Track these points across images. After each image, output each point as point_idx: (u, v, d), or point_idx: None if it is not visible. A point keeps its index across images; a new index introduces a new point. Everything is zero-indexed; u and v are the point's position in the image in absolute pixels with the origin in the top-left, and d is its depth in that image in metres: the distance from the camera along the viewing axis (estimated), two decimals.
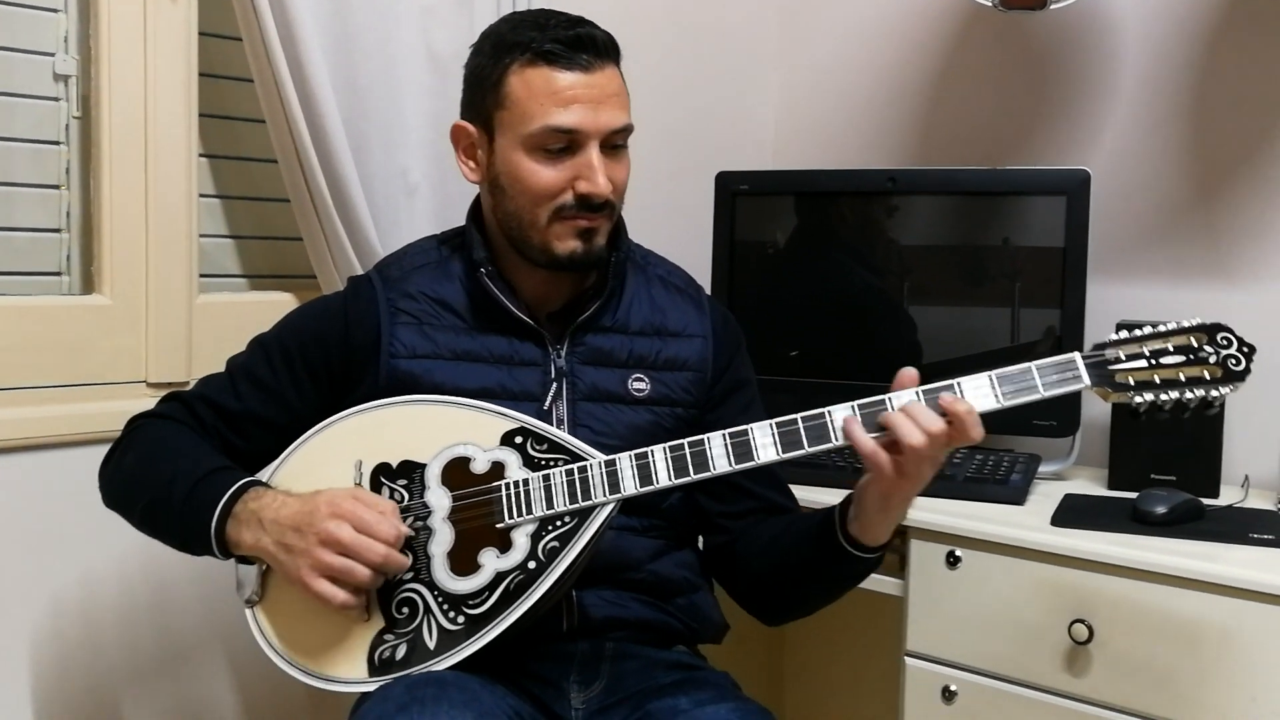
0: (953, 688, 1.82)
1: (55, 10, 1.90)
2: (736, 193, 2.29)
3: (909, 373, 1.46)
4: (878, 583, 1.90)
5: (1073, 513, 1.84)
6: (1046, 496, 1.95)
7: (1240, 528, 1.76)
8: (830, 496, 1.85)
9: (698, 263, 2.04)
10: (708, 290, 1.80)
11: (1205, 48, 2.16)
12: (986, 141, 2.42)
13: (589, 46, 1.54)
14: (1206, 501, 1.86)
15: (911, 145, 2.53)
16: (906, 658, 1.87)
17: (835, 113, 2.65)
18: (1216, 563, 1.63)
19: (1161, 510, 1.78)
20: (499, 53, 1.57)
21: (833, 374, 2.22)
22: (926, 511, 1.84)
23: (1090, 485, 2.06)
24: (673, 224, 2.21)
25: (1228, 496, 1.95)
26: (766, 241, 2.32)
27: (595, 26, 1.57)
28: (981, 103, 2.43)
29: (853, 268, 2.26)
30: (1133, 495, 1.86)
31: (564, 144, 1.54)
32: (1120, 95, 2.26)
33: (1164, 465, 1.98)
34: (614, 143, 1.57)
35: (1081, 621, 1.69)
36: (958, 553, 1.80)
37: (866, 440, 1.42)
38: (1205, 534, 1.74)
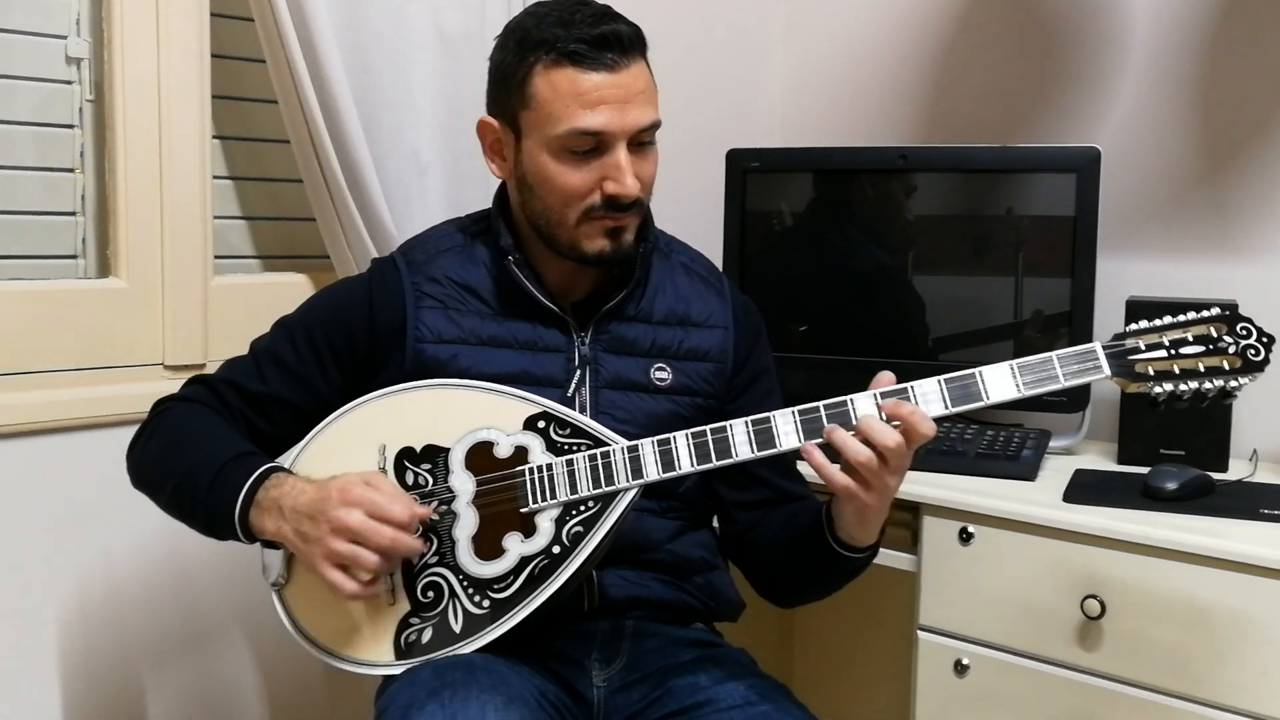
0: (965, 661, 1.84)
1: None
2: (747, 170, 2.30)
3: (886, 375, 1.48)
4: (890, 558, 1.92)
5: (1084, 489, 1.85)
6: (1057, 472, 1.96)
7: (1250, 503, 1.78)
8: None
9: (707, 240, 2.04)
10: (719, 267, 1.80)
11: (1215, 23, 2.17)
12: (996, 118, 2.42)
13: (614, 44, 1.51)
14: (1216, 476, 1.88)
15: (920, 121, 2.53)
16: (919, 632, 1.89)
17: (843, 89, 2.65)
18: (1227, 539, 1.64)
19: (1172, 486, 1.79)
20: (523, 51, 1.54)
21: (843, 350, 2.24)
22: (939, 488, 1.86)
23: (1100, 460, 2.07)
24: (682, 201, 2.21)
25: (1237, 471, 1.97)
26: (777, 219, 2.33)
27: (621, 21, 1.55)
28: (991, 79, 2.43)
29: (864, 244, 2.27)
30: (1143, 470, 1.88)
31: (591, 145, 1.53)
32: (1130, 71, 2.26)
33: (1173, 440, 2.00)
34: (641, 140, 1.56)
35: (1094, 597, 1.71)
36: (970, 529, 1.82)
37: (837, 475, 1.45)
38: (1216, 510, 1.75)
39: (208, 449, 1.55)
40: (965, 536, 1.83)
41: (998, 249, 2.18)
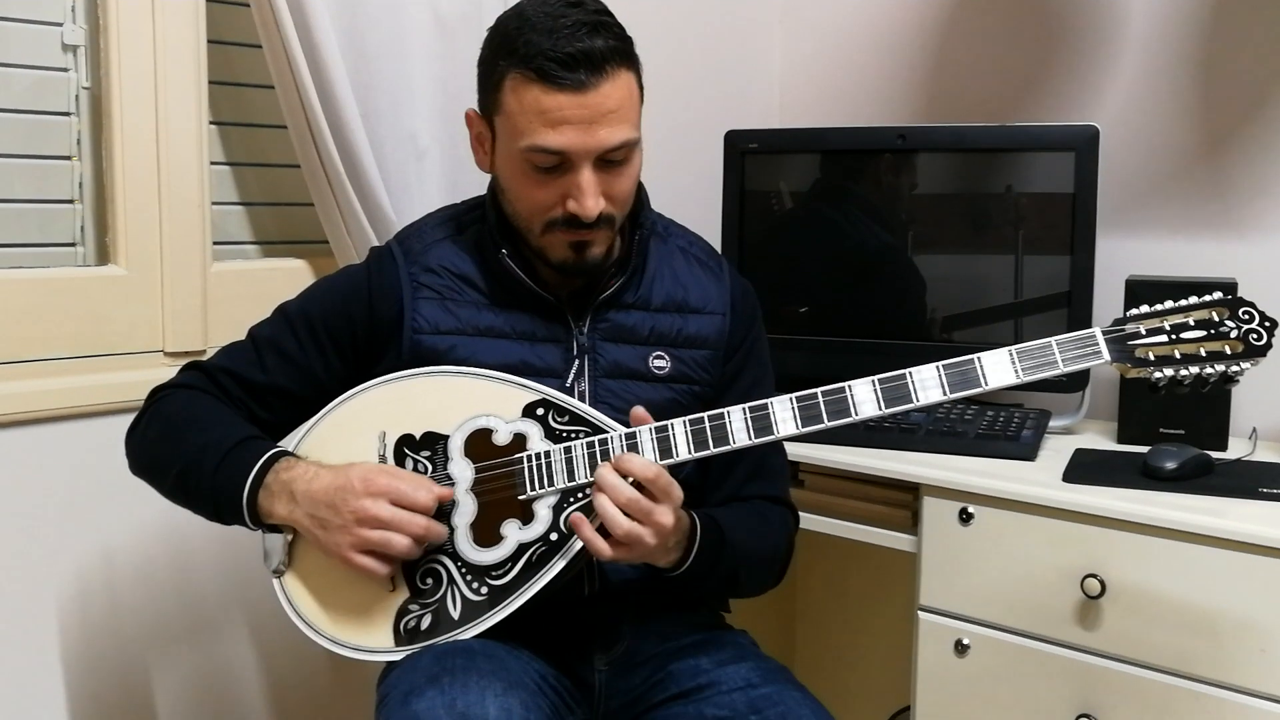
0: (965, 641, 1.85)
1: None
2: (746, 151, 2.29)
3: (639, 412, 1.49)
4: (891, 539, 1.94)
5: (1083, 469, 1.86)
6: (1057, 452, 1.97)
7: (1249, 482, 1.78)
8: (868, 459, 1.93)
9: (706, 222, 2.04)
10: (718, 249, 1.79)
11: (1212, 1, 2.16)
12: (995, 97, 2.42)
13: (585, 63, 1.46)
14: (1215, 455, 1.88)
15: (919, 101, 2.53)
16: (920, 612, 1.90)
17: (842, 69, 2.64)
18: (1226, 518, 1.65)
19: (1171, 466, 1.80)
20: (499, 55, 1.52)
21: (843, 331, 2.24)
22: (939, 469, 1.87)
23: (1100, 440, 2.07)
24: (680, 183, 2.21)
25: (1236, 449, 1.98)
26: (776, 200, 2.33)
27: (603, 34, 1.49)
28: (989, 58, 2.43)
29: (863, 224, 2.27)
30: (1142, 449, 1.89)
31: (554, 163, 1.51)
32: (1129, 49, 2.25)
33: (1173, 419, 2.00)
34: (612, 158, 1.53)
35: (1094, 576, 1.71)
36: (970, 509, 1.83)
37: (597, 540, 1.43)
38: (1215, 489, 1.76)
39: (213, 433, 1.55)
40: (965, 517, 1.83)
41: (997, 227, 2.17)
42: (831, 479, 1.98)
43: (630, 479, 1.43)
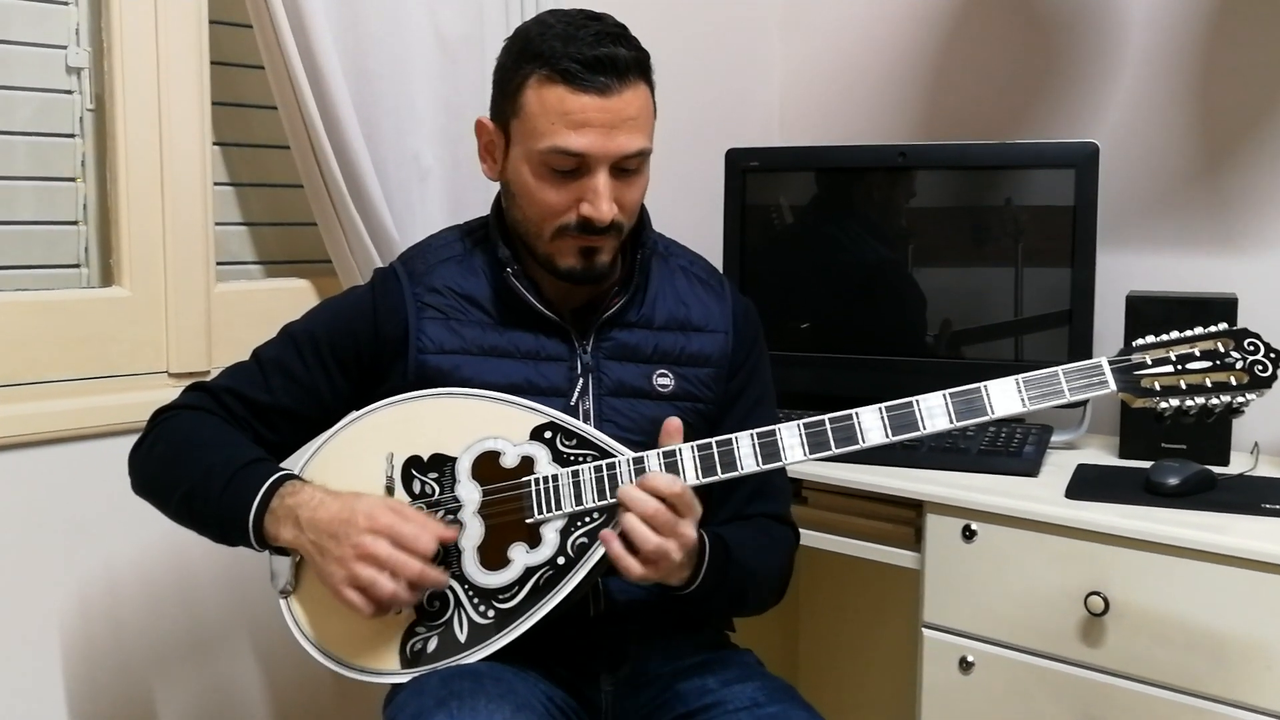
0: (970, 658, 1.85)
1: (66, 3, 1.89)
2: (747, 169, 2.30)
3: (673, 423, 1.50)
4: (894, 556, 1.94)
5: (1086, 485, 1.86)
6: (1059, 467, 1.97)
7: (1252, 498, 1.78)
8: (871, 476, 1.93)
9: (706, 239, 2.04)
10: (720, 267, 1.79)
11: (1211, 17, 2.16)
12: (995, 114, 2.42)
13: (609, 68, 1.50)
14: (1217, 470, 1.88)
15: (919, 118, 2.53)
16: (924, 630, 1.90)
17: (841, 86, 2.64)
18: (1229, 535, 1.65)
19: (1174, 482, 1.80)
20: (521, 60, 1.55)
21: (844, 346, 2.25)
22: (941, 486, 1.87)
23: (1102, 455, 2.08)
24: (681, 200, 2.21)
25: (1238, 464, 1.98)
26: (777, 218, 2.33)
27: (624, 44, 1.53)
28: (989, 75, 2.43)
29: (864, 241, 2.27)
30: (1145, 465, 1.89)
31: (572, 166, 1.53)
32: (1128, 65, 2.26)
33: (1175, 434, 2.00)
34: (626, 166, 1.55)
35: (1097, 594, 1.71)
36: (973, 526, 1.83)
37: (626, 557, 1.43)
38: (1218, 505, 1.76)
39: (219, 455, 1.55)
40: (969, 534, 1.83)
41: (997, 241, 2.18)
42: (835, 496, 1.99)
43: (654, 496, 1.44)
